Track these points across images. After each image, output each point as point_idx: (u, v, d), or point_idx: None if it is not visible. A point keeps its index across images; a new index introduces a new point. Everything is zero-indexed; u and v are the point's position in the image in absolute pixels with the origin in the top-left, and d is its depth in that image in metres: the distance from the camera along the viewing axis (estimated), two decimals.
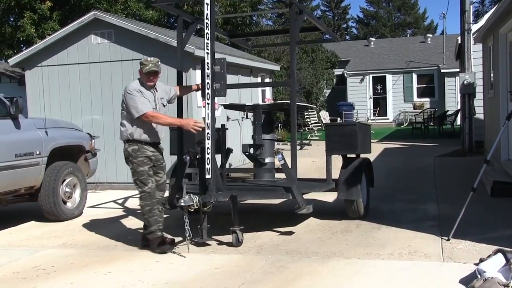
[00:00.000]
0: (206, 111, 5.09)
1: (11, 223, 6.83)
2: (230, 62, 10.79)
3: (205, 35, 5.11)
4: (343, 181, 6.08)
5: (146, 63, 5.18)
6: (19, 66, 10.80)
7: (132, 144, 5.17)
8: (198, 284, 4.26)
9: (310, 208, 5.44)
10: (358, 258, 4.80)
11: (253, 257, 4.95)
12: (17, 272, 4.76)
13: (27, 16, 13.94)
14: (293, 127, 5.60)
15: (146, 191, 5.15)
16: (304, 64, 21.37)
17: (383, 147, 14.87)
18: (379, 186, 8.69)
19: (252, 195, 5.98)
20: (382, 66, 25.99)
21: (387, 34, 44.01)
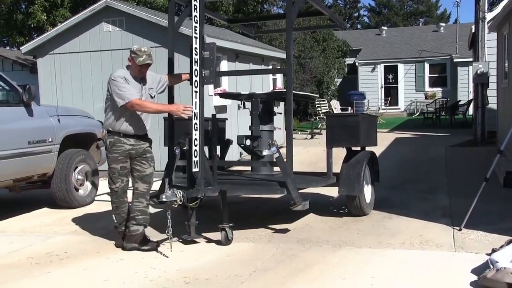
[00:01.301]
0: (194, 100, 4.82)
1: (24, 210, 6.90)
2: (241, 51, 10.85)
3: (193, 18, 4.81)
4: (344, 176, 5.75)
5: (140, 54, 4.74)
6: (31, 53, 10.85)
7: (110, 136, 4.83)
8: (209, 272, 4.28)
9: (306, 204, 5.13)
10: (369, 247, 4.80)
11: (264, 246, 4.97)
12: (31, 258, 4.81)
13: (38, 3, 13.96)
14: (289, 116, 5.33)
15: (113, 189, 4.92)
16: (315, 53, 21.25)
17: (394, 137, 14.80)
18: (390, 175, 8.68)
19: (243, 190, 5.61)
20: (393, 55, 25.76)
21: (399, 23, 43.58)
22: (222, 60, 10.16)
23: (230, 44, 10.28)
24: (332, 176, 5.87)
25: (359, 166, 5.79)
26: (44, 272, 4.41)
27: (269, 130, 6.08)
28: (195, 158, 4.81)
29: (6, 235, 5.70)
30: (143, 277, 4.19)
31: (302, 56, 20.41)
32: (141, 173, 4.92)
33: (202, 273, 4.24)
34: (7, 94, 6.49)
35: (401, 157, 10.91)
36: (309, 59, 20.66)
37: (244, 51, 10.90)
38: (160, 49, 9.20)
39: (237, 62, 10.74)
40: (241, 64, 10.90)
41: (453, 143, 12.75)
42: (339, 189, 5.74)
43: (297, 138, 15.62)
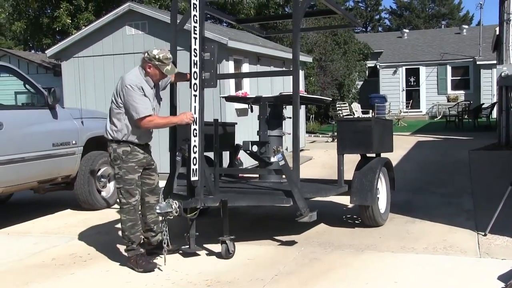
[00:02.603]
0: (193, 104, 4.54)
1: (48, 211, 6.99)
2: (263, 54, 10.85)
3: (192, 18, 4.54)
4: (356, 184, 5.42)
5: (166, 62, 4.46)
6: (56, 57, 11.02)
7: (123, 145, 4.46)
8: (231, 274, 4.28)
9: (314, 216, 4.81)
10: (391, 251, 4.75)
11: (286, 249, 4.95)
12: (54, 259, 4.87)
13: (64, 7, 14.18)
14: (295, 121, 4.94)
15: (131, 203, 4.47)
16: (336, 55, 21.17)
17: (416, 140, 14.66)
18: (412, 178, 8.60)
19: (246, 199, 5.14)
20: (415, 58, 25.54)
21: (420, 25, 43.20)
22: (243, 63, 10.17)
23: (252, 47, 10.29)
24: (344, 185, 5.53)
25: (372, 174, 5.46)
26: (68, 273, 4.46)
27: (278, 135, 5.76)
28: (194, 166, 4.54)
29: (31, 236, 5.78)
30: (165, 280, 4.21)
31: (323, 59, 20.35)
32: (151, 186, 4.71)
33: (224, 276, 4.24)
34: (33, 97, 6.60)
35: (423, 160, 10.79)
36: (330, 62, 20.59)
37: (266, 54, 10.90)
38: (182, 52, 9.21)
39: (259, 65, 10.75)
40: (262, 67, 10.90)
41: (477, 147, 12.57)
42: (351, 198, 5.45)
43: (318, 141, 15.58)
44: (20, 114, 6.45)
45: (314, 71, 19.52)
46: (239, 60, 10.04)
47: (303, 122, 13.79)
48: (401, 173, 9.18)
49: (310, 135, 16.93)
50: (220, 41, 9.07)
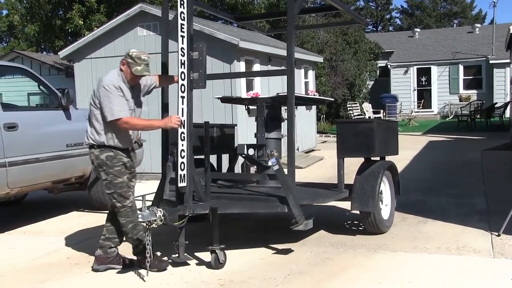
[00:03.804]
0: (181, 106, 4.33)
1: (62, 211, 7.06)
2: (274, 54, 10.86)
3: (179, 15, 4.33)
4: (357, 189, 5.16)
5: (138, 62, 4.26)
6: (68, 58, 11.13)
7: (106, 151, 4.30)
8: (244, 274, 4.30)
9: (309, 223, 4.59)
10: (404, 251, 4.75)
11: (298, 249, 4.96)
12: (69, 258, 4.93)
13: (76, 9, 14.30)
14: (290, 123, 4.66)
15: (127, 205, 4.34)
16: (347, 55, 21.14)
17: (427, 140, 14.61)
18: (424, 179, 8.58)
19: (238, 206, 4.89)
20: (427, 57, 25.43)
21: (432, 24, 42.98)
22: (255, 64, 10.20)
23: (263, 47, 10.31)
24: (344, 190, 5.30)
25: (374, 179, 5.19)
26: (83, 272, 4.51)
27: (276, 138, 5.52)
28: (181, 172, 4.34)
29: (46, 235, 5.85)
30: (179, 279, 4.24)
31: (334, 59, 20.33)
32: None
33: (236, 276, 4.27)
34: (46, 98, 6.67)
35: (435, 160, 10.75)
36: (340, 62, 20.56)
37: (277, 54, 10.92)
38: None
39: (270, 66, 10.77)
40: (274, 67, 10.92)
41: (489, 146, 12.49)
42: (352, 204, 5.19)
43: (329, 141, 15.56)
44: (35, 115, 6.53)
45: (325, 71, 19.51)
46: (250, 61, 10.06)
47: (314, 122, 13.79)
48: (413, 173, 9.18)
49: (321, 135, 16.92)
50: (232, 41, 9.12)
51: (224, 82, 9.16)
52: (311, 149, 13.09)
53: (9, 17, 30.36)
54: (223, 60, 9.26)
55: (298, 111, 11.94)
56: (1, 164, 5.63)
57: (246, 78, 9.73)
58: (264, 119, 5.49)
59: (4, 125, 5.69)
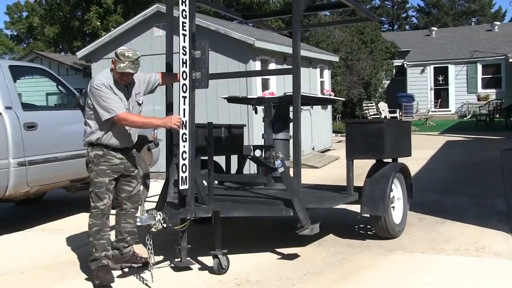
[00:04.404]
0: (182, 107, 4.20)
1: (80, 209, 7.12)
2: (289, 53, 10.82)
3: (181, 13, 4.21)
4: (367, 193, 4.99)
5: (122, 59, 4.10)
6: (86, 58, 11.23)
7: (96, 149, 4.23)
8: (260, 273, 4.31)
9: (315, 228, 4.46)
10: (421, 252, 4.72)
11: (314, 249, 4.96)
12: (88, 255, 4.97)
13: (93, 10, 14.45)
14: (295, 124, 4.55)
15: (99, 207, 4.20)
16: (363, 54, 21.04)
17: (445, 140, 14.48)
18: (441, 179, 8.51)
19: (241, 210, 4.74)
20: (444, 56, 25.18)
21: (449, 23, 42.54)
22: (270, 63, 10.20)
23: (278, 47, 10.31)
24: (354, 193, 5.15)
25: (384, 182, 5.01)
26: None
27: (284, 139, 5.37)
28: (183, 174, 4.21)
29: (65, 233, 5.91)
30: (195, 278, 4.26)
31: (350, 58, 20.25)
32: (129, 193, 4.46)
33: (253, 275, 4.27)
34: (65, 97, 6.74)
35: (453, 160, 10.65)
36: (356, 61, 20.48)
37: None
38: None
39: (285, 65, 10.76)
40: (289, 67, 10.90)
41: (509, 146, 12.33)
42: (361, 208, 5.04)
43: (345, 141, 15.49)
44: (53, 114, 6.62)
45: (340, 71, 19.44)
46: (266, 60, 10.07)
47: (330, 122, 13.75)
48: (430, 173, 9.11)
49: (337, 135, 16.86)
50: (247, 41, 9.14)
51: (240, 82, 9.18)
52: (326, 148, 13.05)
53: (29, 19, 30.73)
54: (239, 59, 9.28)
55: (314, 110, 11.95)
56: (21, 163, 5.71)
57: (261, 78, 9.73)
58: (271, 120, 5.36)
59: (24, 124, 5.77)
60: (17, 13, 42.58)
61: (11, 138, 5.63)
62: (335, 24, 18.54)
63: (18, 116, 5.76)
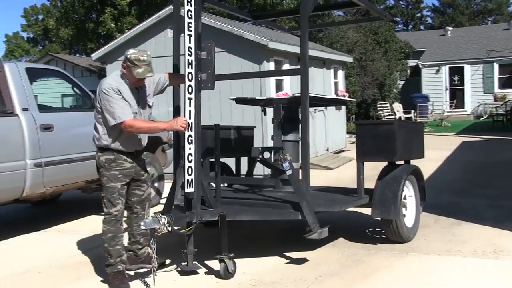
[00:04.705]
0: (188, 108, 4.15)
1: (94, 210, 7.16)
2: None
3: (186, 13, 4.15)
4: (378, 195, 4.89)
5: (138, 64, 4.05)
6: (101, 60, 11.32)
7: (106, 153, 4.16)
8: (275, 274, 4.30)
9: (324, 232, 4.34)
10: (437, 254, 4.67)
11: (329, 250, 4.94)
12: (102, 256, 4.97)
13: (108, 12, 14.56)
14: (304, 125, 4.50)
15: (112, 213, 4.15)
16: (377, 55, 20.94)
17: (460, 140, 14.35)
18: (457, 180, 8.43)
19: (249, 213, 4.68)
20: (459, 56, 24.96)
21: (465, 22, 42.18)
22: (284, 64, 10.18)
23: (292, 47, 10.28)
24: (364, 196, 5.06)
25: (396, 184, 4.90)
26: None
27: (293, 140, 5.27)
28: (189, 176, 4.16)
29: (80, 234, 5.95)
30: (210, 279, 4.27)
31: (364, 59, 20.17)
32: (140, 197, 4.42)
33: (267, 276, 4.27)
34: (80, 99, 6.79)
35: (469, 161, 10.55)
36: (370, 62, 20.39)
37: None
38: (222, 54, 9.37)
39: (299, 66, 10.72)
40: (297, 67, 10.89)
41: None
42: (372, 211, 4.93)
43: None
44: (69, 116, 6.68)
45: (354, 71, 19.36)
46: (280, 61, 10.06)
47: (344, 123, 13.70)
48: (445, 174, 9.03)
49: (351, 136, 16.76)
50: (261, 42, 9.14)
51: (254, 83, 9.18)
52: (340, 149, 13.00)
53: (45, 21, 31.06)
54: (252, 60, 9.28)
55: (328, 111, 11.91)
56: (38, 164, 5.77)
57: (275, 79, 9.72)
58: (280, 121, 5.26)
59: (40, 126, 5.83)
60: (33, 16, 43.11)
61: (27, 140, 5.70)
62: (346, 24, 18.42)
63: (34, 118, 5.82)
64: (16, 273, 4.67)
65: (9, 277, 4.58)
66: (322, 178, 9.08)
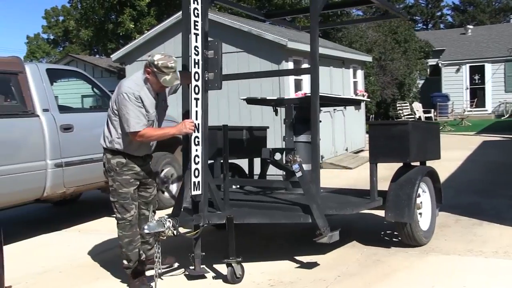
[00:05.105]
0: (194, 109, 4.05)
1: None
2: (322, 54, 10.72)
3: (193, 11, 4.04)
4: (392, 198, 4.76)
5: (166, 71, 3.93)
6: (120, 61, 11.41)
7: (118, 156, 4.07)
8: (294, 274, 4.30)
9: (335, 236, 4.22)
10: (458, 254, 4.62)
11: (348, 250, 4.91)
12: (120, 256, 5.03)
13: (127, 13, 14.68)
14: (314, 126, 4.36)
15: (126, 219, 4.09)
16: (396, 54, 20.77)
17: (481, 140, 14.16)
18: (478, 180, 8.32)
19: (257, 216, 4.56)
20: (480, 55, 24.62)
21: (485, 20, 41.61)
22: (303, 64, 10.16)
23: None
24: (378, 198, 4.92)
25: (410, 186, 4.75)
26: None
27: (306, 141, 5.10)
28: (195, 179, 4.06)
29: (100, 234, 6.01)
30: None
31: (383, 58, 20.02)
32: (147, 199, 4.34)
33: (286, 276, 4.26)
34: (100, 100, 6.85)
35: (490, 161, 10.40)
36: (390, 61, 20.22)
37: (325, 54, 10.84)
38: (241, 54, 9.39)
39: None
40: (322, 67, 10.80)
41: None
42: (386, 213, 4.77)
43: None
44: (89, 116, 6.74)
45: (373, 71, 19.23)
46: (299, 61, 10.03)
47: (363, 123, 13.62)
48: (466, 174, 8.92)
49: None
50: (280, 42, 9.12)
51: (273, 83, 9.17)
52: (360, 149, 12.93)
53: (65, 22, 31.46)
54: (271, 60, 9.27)
55: (347, 111, 11.85)
56: (58, 164, 5.84)
57: (294, 78, 9.70)
58: (292, 121, 5.14)
59: (60, 126, 5.90)
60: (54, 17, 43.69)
61: (48, 140, 5.77)
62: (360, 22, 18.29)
63: (55, 118, 5.90)
64: (37, 272, 4.74)
65: (30, 276, 4.65)
66: (342, 178, 9.04)
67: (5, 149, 5.39)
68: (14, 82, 5.77)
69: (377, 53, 19.57)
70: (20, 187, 5.56)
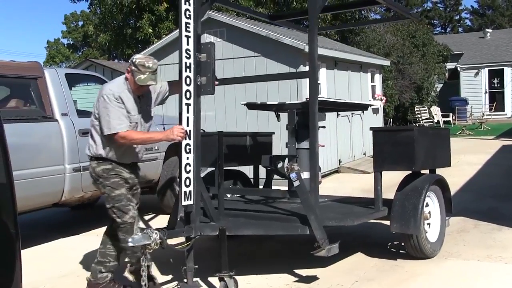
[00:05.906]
0: (185, 115, 3.86)
1: None
2: (340, 58, 10.77)
3: (184, 12, 3.86)
4: (397, 208, 4.52)
5: (142, 70, 3.79)
6: None
7: (103, 163, 3.92)
8: (311, 279, 4.28)
9: (334, 249, 3.99)
10: (477, 260, 4.56)
11: (366, 255, 4.88)
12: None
13: (146, 18, 14.80)
14: (312, 132, 4.13)
15: (127, 221, 3.92)
16: (415, 58, 20.62)
17: (500, 144, 13.97)
18: (497, 184, 8.21)
19: (252, 227, 4.40)
20: (499, 58, 24.34)
21: (505, 24, 41.13)
22: (320, 68, 10.13)
23: (329, 52, 10.23)
24: (382, 208, 4.67)
25: (417, 196, 4.52)
26: None
27: (308, 148, 4.71)
28: (186, 188, 3.84)
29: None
30: (246, 283, 4.26)
31: (401, 62, 19.88)
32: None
33: (303, 281, 4.25)
34: None
35: (509, 165, 10.25)
36: (408, 65, 20.08)
37: (343, 59, 10.81)
38: (259, 58, 9.40)
39: (336, 70, 10.68)
40: (339, 72, 10.82)
41: None
42: (391, 224, 4.54)
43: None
44: None
45: (392, 75, 19.11)
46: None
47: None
48: (485, 178, 8.82)
49: None
50: (298, 46, 9.11)
51: (290, 87, 9.16)
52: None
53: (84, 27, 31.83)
54: (289, 65, 9.27)
55: (365, 115, 11.78)
56: (76, 168, 5.89)
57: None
58: (294, 127, 4.90)
59: (79, 131, 5.95)
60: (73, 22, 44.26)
61: (66, 144, 5.82)
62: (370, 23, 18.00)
63: (73, 123, 5.95)
64: (55, 276, 4.78)
65: (48, 280, 4.69)
66: (359, 182, 8.99)
67: (24, 153, 5.45)
68: (34, 87, 5.84)
69: (395, 57, 19.44)
70: (39, 191, 5.61)
